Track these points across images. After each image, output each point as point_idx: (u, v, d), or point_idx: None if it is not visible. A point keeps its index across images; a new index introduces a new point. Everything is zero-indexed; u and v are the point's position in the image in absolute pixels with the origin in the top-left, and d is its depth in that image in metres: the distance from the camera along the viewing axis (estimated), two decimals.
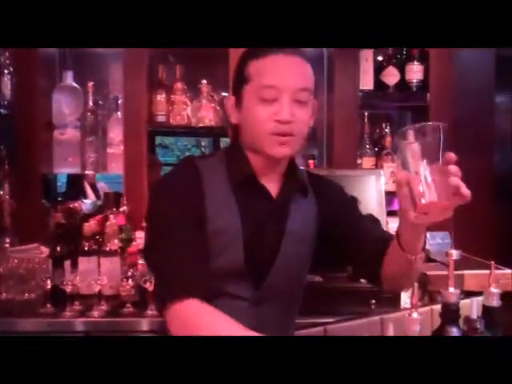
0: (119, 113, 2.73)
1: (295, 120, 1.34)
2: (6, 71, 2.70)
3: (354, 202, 1.59)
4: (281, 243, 1.42)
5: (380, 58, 2.84)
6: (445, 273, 1.26)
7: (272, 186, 1.44)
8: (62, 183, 3.24)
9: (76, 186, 3.36)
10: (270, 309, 1.43)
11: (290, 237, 1.44)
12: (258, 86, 1.34)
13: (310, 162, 2.83)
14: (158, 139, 4.56)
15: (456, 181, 1.12)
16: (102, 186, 3.55)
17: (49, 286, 2.19)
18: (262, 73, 1.34)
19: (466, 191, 1.13)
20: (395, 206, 2.71)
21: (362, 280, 2.31)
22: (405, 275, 1.39)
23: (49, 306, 2.18)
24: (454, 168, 1.12)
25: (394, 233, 1.37)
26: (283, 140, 1.34)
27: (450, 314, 1.22)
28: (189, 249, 1.30)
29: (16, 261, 2.28)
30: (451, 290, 1.23)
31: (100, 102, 2.79)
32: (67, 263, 2.26)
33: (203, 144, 4.61)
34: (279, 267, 1.42)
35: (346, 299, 2.23)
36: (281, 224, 1.43)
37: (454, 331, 1.21)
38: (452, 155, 1.13)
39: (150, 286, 2.15)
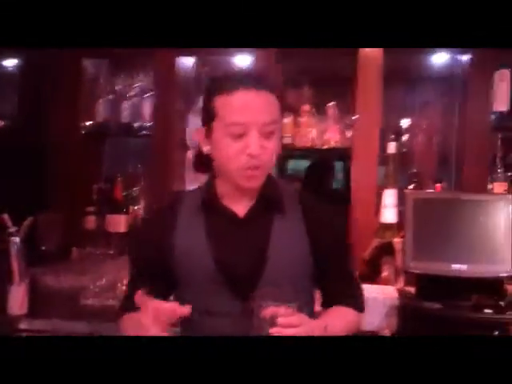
0: None
1: (264, 152, 1.39)
2: (146, 94, 2.92)
3: (339, 235, 1.62)
4: (264, 261, 1.46)
5: None
6: None
7: (240, 207, 1.50)
8: None
9: None
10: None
11: (276, 254, 1.47)
12: (225, 122, 1.39)
13: (437, 185, 2.74)
14: (292, 163, 4.65)
15: None
16: None
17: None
18: (229, 110, 1.39)
19: None
20: None
21: (487, 310, 2.24)
22: None
23: None
24: None
25: None
26: (254, 174, 1.42)
27: None
28: (139, 277, 1.55)
29: None
30: None
31: None
32: None
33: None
34: (267, 282, 1.45)
35: (467, 330, 2.13)
36: (257, 243, 1.47)
37: None
38: None
39: None
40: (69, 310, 2.25)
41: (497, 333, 2.10)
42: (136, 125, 2.93)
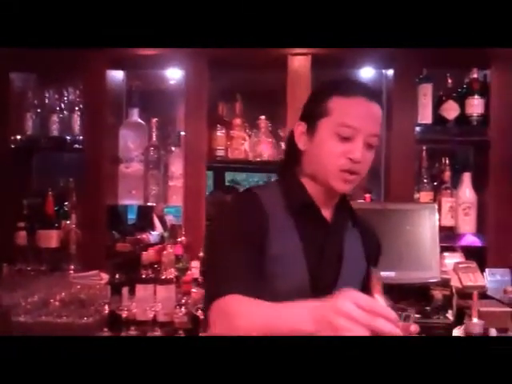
0: (180, 148, 2.84)
1: (363, 161, 1.42)
2: (76, 108, 2.90)
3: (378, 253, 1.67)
4: (340, 268, 1.49)
5: (440, 93, 2.83)
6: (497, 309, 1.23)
7: (326, 213, 1.52)
8: (133, 215, 3.42)
9: (146, 218, 3.51)
10: None
11: (347, 263, 1.50)
12: (337, 122, 1.41)
13: (367, 195, 2.83)
14: (230, 175, 4.69)
15: None
16: (170, 219, 3.67)
17: (106, 311, 2.29)
18: (345, 111, 1.41)
19: None
20: (453, 242, 2.69)
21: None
22: None
23: (105, 330, 2.27)
24: None
25: None
26: (350, 178, 1.42)
27: None
28: (243, 263, 1.35)
29: (78, 287, 2.40)
30: (475, 320, 1.23)
31: (163, 137, 2.92)
32: (125, 290, 2.36)
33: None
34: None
35: None
36: (338, 250, 1.51)
37: None
38: None
39: (201, 314, 2.21)
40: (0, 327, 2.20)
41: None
42: (66, 138, 2.90)
